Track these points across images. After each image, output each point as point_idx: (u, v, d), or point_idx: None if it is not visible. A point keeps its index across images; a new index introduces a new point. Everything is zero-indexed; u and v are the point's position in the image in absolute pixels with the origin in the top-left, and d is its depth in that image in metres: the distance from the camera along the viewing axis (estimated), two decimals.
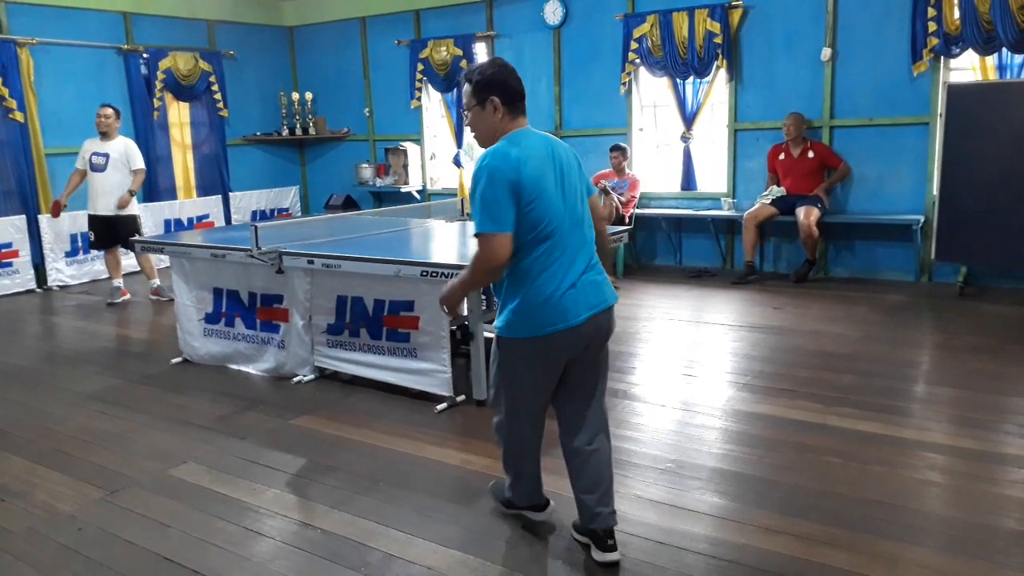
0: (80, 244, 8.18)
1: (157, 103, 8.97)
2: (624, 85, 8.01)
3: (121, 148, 7.03)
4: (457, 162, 9.19)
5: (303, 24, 10.31)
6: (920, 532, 2.82)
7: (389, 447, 3.76)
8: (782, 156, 7.22)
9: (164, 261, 6.98)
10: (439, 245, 5.17)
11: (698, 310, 6.31)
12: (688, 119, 7.83)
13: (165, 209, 9.01)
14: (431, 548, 2.81)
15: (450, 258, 4.40)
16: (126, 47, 8.70)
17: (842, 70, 7.01)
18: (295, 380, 4.76)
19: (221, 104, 9.61)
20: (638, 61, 7.86)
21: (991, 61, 6.44)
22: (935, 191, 6.55)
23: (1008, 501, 3.03)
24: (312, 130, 10.25)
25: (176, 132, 9.36)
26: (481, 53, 8.87)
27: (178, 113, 9.36)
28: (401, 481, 3.37)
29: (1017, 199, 5.87)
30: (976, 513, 2.94)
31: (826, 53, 7.00)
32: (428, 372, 4.29)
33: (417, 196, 9.67)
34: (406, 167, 9.66)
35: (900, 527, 2.84)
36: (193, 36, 9.40)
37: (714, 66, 7.48)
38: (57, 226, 7.99)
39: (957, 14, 6.35)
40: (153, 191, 8.99)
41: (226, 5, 9.68)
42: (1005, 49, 6.25)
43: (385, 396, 4.43)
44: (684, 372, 4.73)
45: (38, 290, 7.93)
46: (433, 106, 9.61)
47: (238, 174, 9.93)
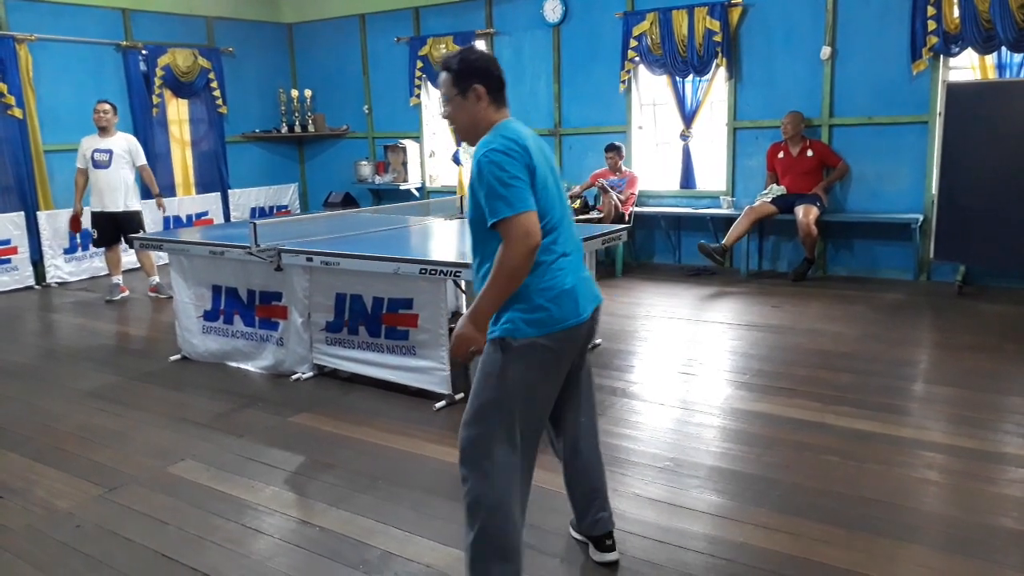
0: (79, 241, 8.17)
1: (156, 100, 8.96)
2: (623, 83, 8.00)
3: (124, 144, 7.03)
4: (456, 160, 9.17)
5: (302, 21, 10.30)
6: (918, 531, 2.83)
7: (388, 445, 3.76)
8: (781, 155, 7.22)
9: (163, 258, 6.99)
10: (438, 243, 5.17)
11: (697, 308, 6.31)
12: (687, 117, 7.82)
13: (164, 206, 8.99)
14: (430, 546, 2.82)
15: (449, 256, 4.40)
16: (125, 44, 8.69)
17: (841, 69, 7.01)
18: (294, 378, 4.76)
19: (220, 101, 9.59)
20: (637, 59, 7.85)
21: (990, 60, 6.44)
22: (934, 190, 6.55)
23: (1006, 500, 3.03)
24: (311, 127, 10.24)
25: (175, 129, 9.35)
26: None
27: (177, 110, 9.35)
28: (400, 479, 3.37)
29: (1016, 198, 5.88)
30: (974, 512, 2.94)
31: (825, 52, 7.00)
32: (427, 370, 4.29)
33: (416, 194, 9.66)
34: (405, 164, 9.66)
35: (898, 526, 2.85)
36: (192, 33, 9.39)
37: (714, 64, 7.48)
38: (56, 223, 7.98)
39: (957, 13, 6.35)
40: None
41: (225, 2, 9.67)
42: (1004, 48, 6.25)
43: (384, 394, 4.43)
44: (683, 370, 4.74)
45: (37, 287, 7.92)
46: (432, 103, 9.59)
47: (237, 171, 9.92)
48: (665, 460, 3.48)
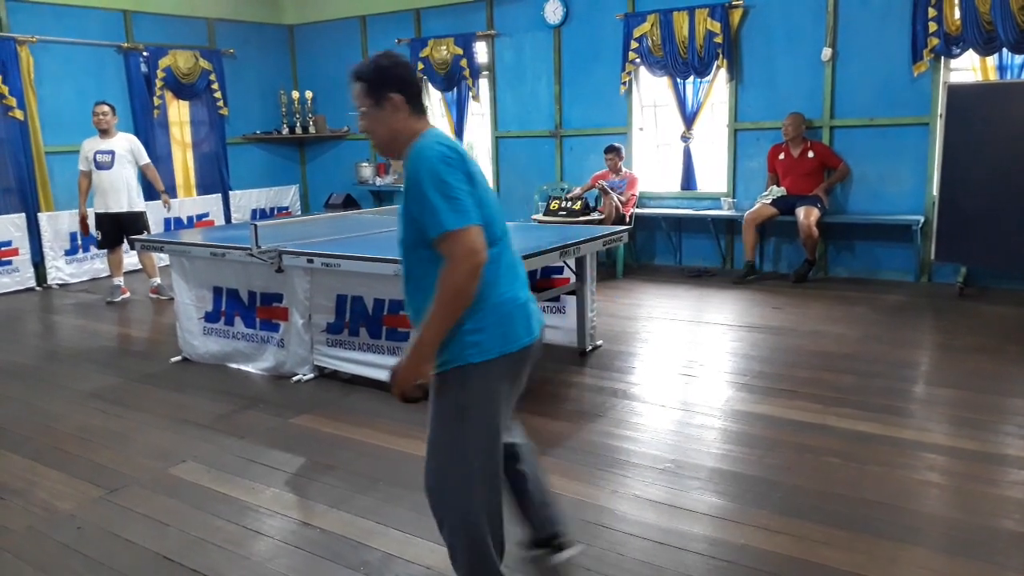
0: (80, 242, 8.17)
1: (157, 101, 8.97)
2: (624, 84, 8.00)
3: (125, 144, 7.03)
4: None
5: (303, 23, 10.31)
6: (919, 533, 2.82)
7: (388, 446, 3.76)
8: (782, 156, 7.22)
9: (164, 259, 6.98)
10: None
11: (698, 310, 6.31)
12: (688, 119, 7.82)
13: (164, 207, 8.99)
14: (430, 548, 2.81)
15: None
16: (126, 45, 8.69)
17: (842, 70, 7.01)
18: (294, 379, 4.75)
19: (221, 102, 9.60)
20: (638, 60, 7.85)
21: (991, 61, 6.44)
22: (935, 191, 6.55)
23: (1008, 502, 3.03)
24: (312, 129, 10.25)
25: (176, 130, 9.35)
26: (481, 52, 8.86)
27: (178, 111, 9.36)
28: (400, 480, 3.37)
29: (1017, 199, 5.87)
30: (976, 514, 2.94)
31: (826, 53, 7.00)
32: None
33: None
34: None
35: (899, 528, 2.84)
36: (193, 34, 9.40)
37: (714, 66, 7.48)
38: (57, 224, 7.99)
39: (958, 14, 6.35)
40: (153, 190, 8.95)
41: (226, 3, 9.68)
42: (1005, 50, 6.25)
43: (384, 395, 4.42)
44: (683, 372, 4.73)
45: (38, 288, 7.92)
46: (433, 105, 9.59)
47: (238, 173, 9.92)
48: (666, 462, 3.47)
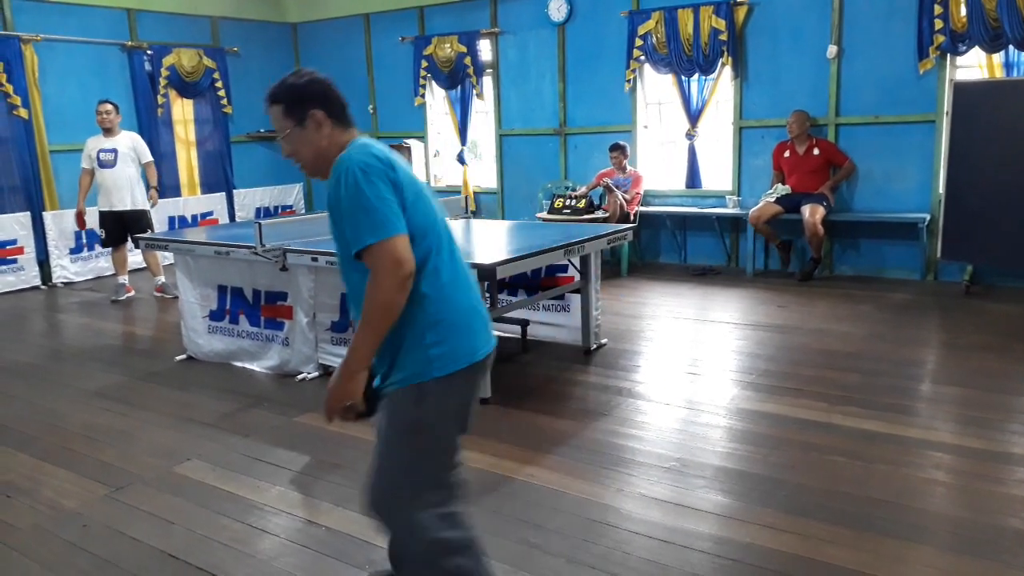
0: (85, 241, 8.19)
1: (161, 100, 8.97)
2: (629, 82, 7.99)
3: (128, 142, 7.04)
4: (461, 159, 9.19)
5: (306, 21, 10.31)
6: (925, 531, 2.81)
7: None
8: (787, 154, 7.20)
9: (169, 258, 7.00)
10: None
11: (703, 308, 6.30)
12: (693, 116, 7.81)
13: (169, 206, 9.00)
14: None
15: None
16: (130, 44, 8.70)
17: (848, 67, 6.99)
18: (299, 377, 4.76)
19: (225, 101, 9.61)
20: (643, 58, 7.84)
21: (998, 59, 6.41)
22: (941, 189, 6.52)
23: (1014, 501, 3.01)
24: None
25: (180, 129, 9.36)
26: (485, 50, 8.85)
27: (182, 110, 9.37)
28: None
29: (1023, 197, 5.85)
30: (982, 513, 2.93)
31: (832, 50, 6.98)
32: None
33: None
34: (410, 164, 9.65)
35: (905, 526, 2.84)
36: (197, 33, 9.41)
37: (719, 63, 7.46)
38: (62, 223, 8.00)
39: (964, 11, 6.33)
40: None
41: (230, 2, 9.69)
42: (1012, 47, 6.23)
43: None
44: (689, 370, 4.73)
45: (43, 287, 7.94)
46: (437, 103, 9.59)
47: (242, 171, 9.93)
48: (671, 460, 3.47)
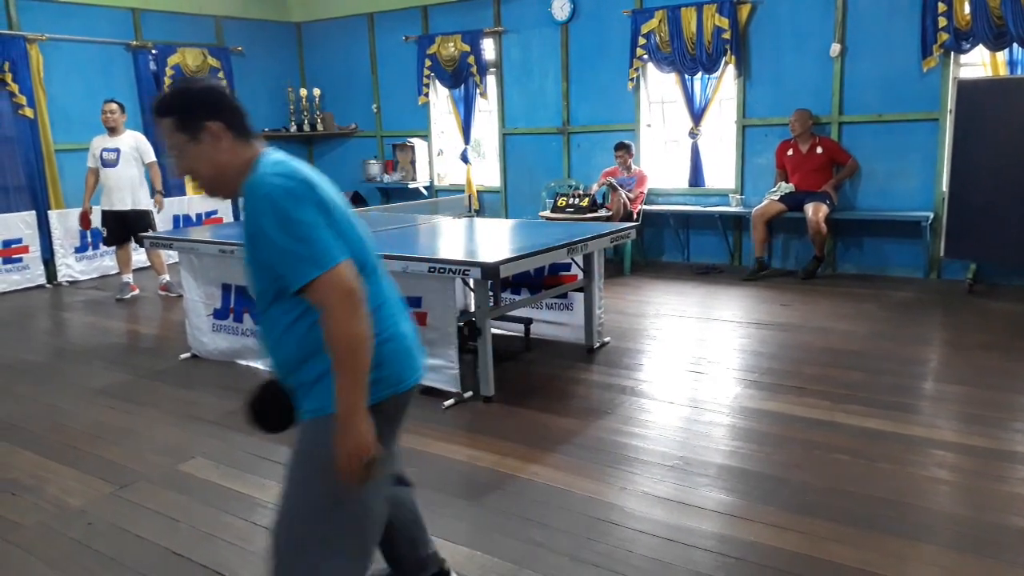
0: (90, 240, 8.21)
1: None
2: (632, 81, 7.99)
3: (131, 142, 7.05)
4: (465, 158, 9.19)
5: (311, 20, 10.32)
6: (929, 530, 2.82)
7: None
8: (790, 152, 7.20)
9: (173, 257, 7.01)
10: (446, 241, 5.17)
11: (706, 307, 6.30)
12: (696, 115, 7.81)
13: (174, 205, 9.01)
14: (438, 543, 2.81)
15: (457, 254, 4.40)
16: (135, 43, 8.73)
17: (851, 66, 6.98)
18: None
19: None
20: (646, 57, 7.84)
21: (1001, 56, 6.40)
22: (944, 187, 6.51)
23: (1017, 499, 3.01)
24: (320, 126, 10.27)
25: None
26: (489, 49, 8.86)
27: None
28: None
29: None
30: (985, 511, 2.93)
31: (835, 49, 6.97)
32: (436, 368, 4.29)
33: (424, 192, 9.67)
34: (413, 163, 9.67)
35: (908, 524, 2.84)
36: (201, 32, 9.43)
37: (722, 62, 7.46)
38: (67, 222, 8.03)
39: (967, 9, 6.31)
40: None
41: (234, 1, 9.70)
42: (1016, 45, 6.21)
43: None
44: (692, 369, 4.73)
45: (48, 285, 7.96)
46: (440, 102, 9.60)
47: None
48: (674, 458, 3.47)
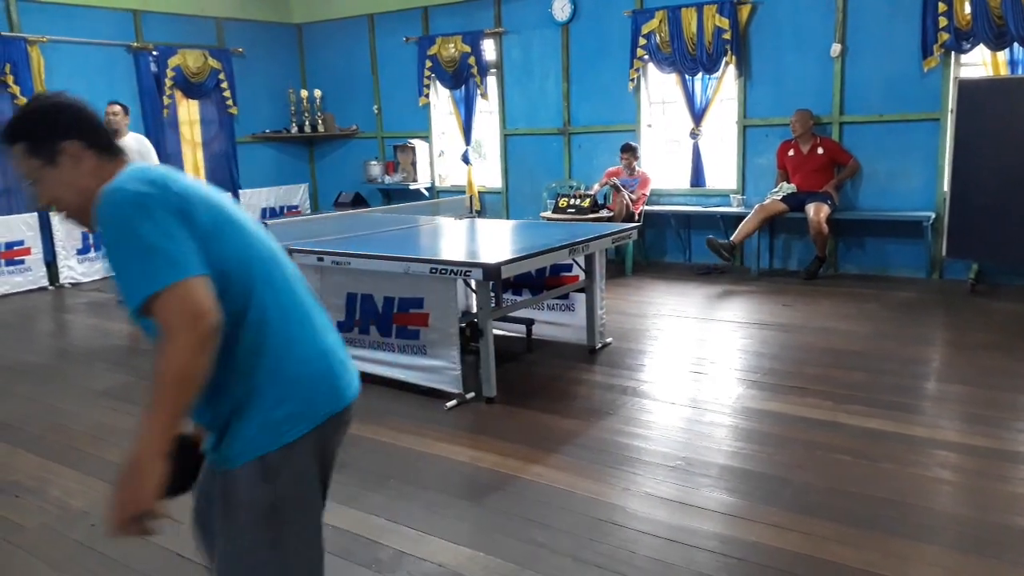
0: (92, 241, 8.22)
1: (167, 101, 9.00)
2: (632, 81, 7.99)
3: (134, 145, 7.04)
4: (466, 159, 9.20)
5: (311, 21, 10.32)
6: (931, 530, 2.82)
7: (399, 444, 3.77)
8: (791, 152, 7.20)
9: None
10: (448, 242, 5.17)
11: (707, 307, 6.30)
12: (697, 115, 7.81)
13: None
14: (442, 545, 2.82)
15: (459, 255, 4.40)
16: (136, 45, 8.74)
17: (852, 66, 6.98)
18: None
19: (230, 101, 9.63)
20: (647, 57, 7.84)
21: (1002, 56, 6.39)
22: (946, 187, 6.50)
23: (1020, 499, 3.01)
24: (321, 127, 10.27)
25: (186, 130, 9.39)
26: (489, 50, 8.86)
27: (187, 111, 9.39)
28: (411, 478, 3.38)
29: None
30: (988, 511, 2.93)
31: (836, 49, 6.97)
32: (438, 369, 4.29)
33: (426, 193, 9.67)
34: (415, 164, 9.68)
35: (911, 525, 2.84)
36: (202, 34, 9.43)
37: (723, 62, 7.46)
38: (68, 223, 8.02)
39: (968, 9, 6.31)
40: None
41: (235, 2, 9.70)
42: (1016, 44, 6.21)
43: (395, 393, 4.43)
44: (693, 369, 4.73)
45: (50, 287, 7.97)
46: (441, 103, 9.60)
47: (247, 171, 9.95)
48: (676, 459, 3.47)
